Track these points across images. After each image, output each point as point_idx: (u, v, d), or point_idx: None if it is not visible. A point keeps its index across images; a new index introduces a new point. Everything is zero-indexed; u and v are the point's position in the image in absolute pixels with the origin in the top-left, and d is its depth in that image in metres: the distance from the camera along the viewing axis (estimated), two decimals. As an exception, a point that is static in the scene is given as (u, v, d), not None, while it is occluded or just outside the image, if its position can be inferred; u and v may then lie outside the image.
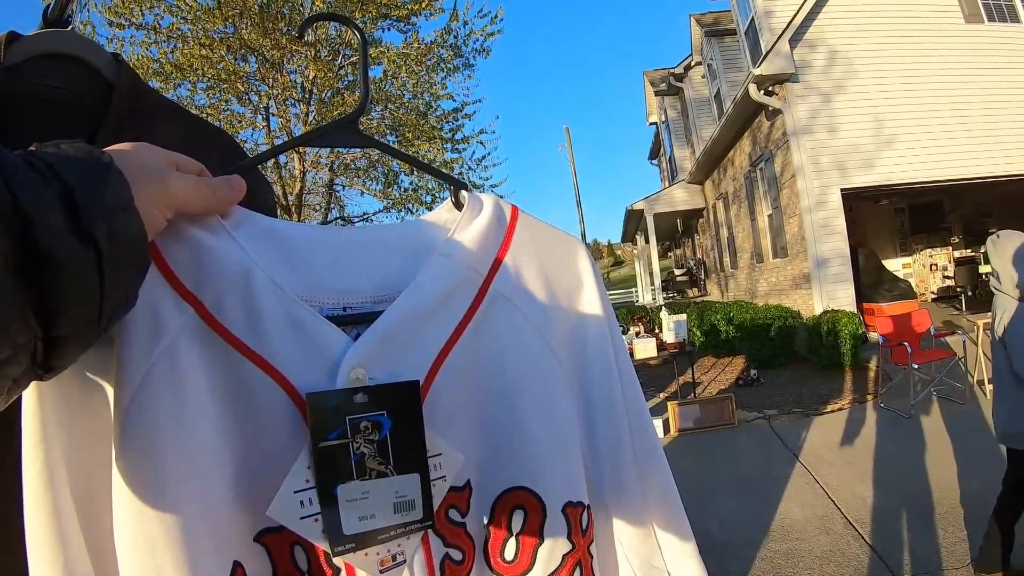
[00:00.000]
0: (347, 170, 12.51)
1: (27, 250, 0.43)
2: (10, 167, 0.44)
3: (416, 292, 0.68)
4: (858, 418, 7.17)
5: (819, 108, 11.05)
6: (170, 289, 0.59)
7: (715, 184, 18.08)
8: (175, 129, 0.95)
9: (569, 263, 0.81)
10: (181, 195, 0.59)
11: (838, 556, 4.11)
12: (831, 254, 10.79)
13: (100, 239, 0.47)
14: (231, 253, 0.62)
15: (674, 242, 30.59)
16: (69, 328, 0.47)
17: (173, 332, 0.58)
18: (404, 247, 0.74)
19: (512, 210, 0.81)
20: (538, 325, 0.75)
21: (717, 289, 20.11)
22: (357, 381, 0.62)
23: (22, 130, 0.81)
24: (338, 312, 0.68)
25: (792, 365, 10.63)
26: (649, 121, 28.15)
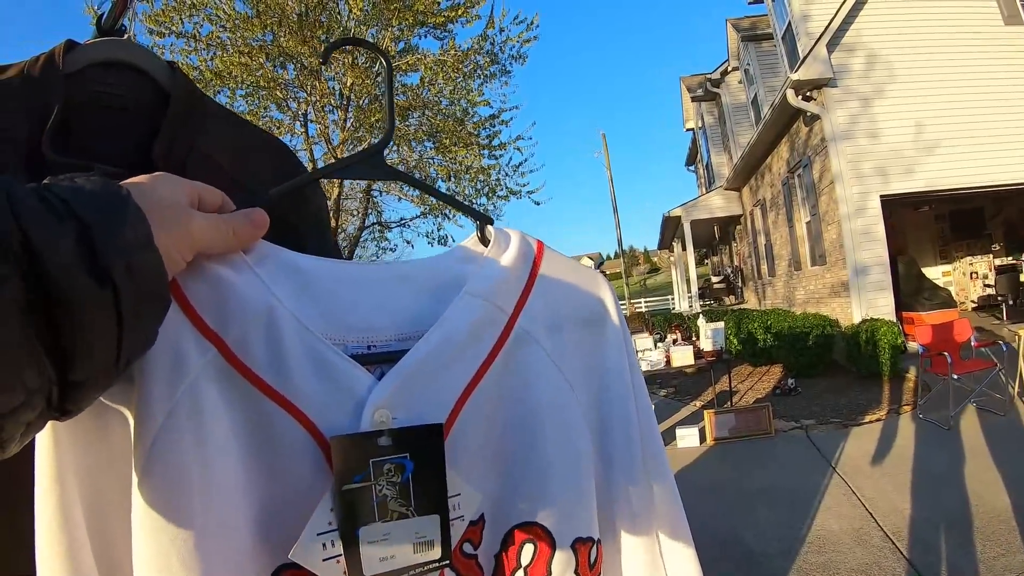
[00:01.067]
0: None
1: (40, 291, 0.42)
2: (21, 202, 0.43)
3: (442, 331, 0.68)
4: (896, 429, 7.06)
5: (858, 113, 10.93)
6: (192, 327, 0.59)
7: (752, 191, 17.94)
8: (228, 134, 0.97)
9: (591, 297, 0.81)
10: (202, 237, 0.58)
11: (875, 569, 4.06)
12: (870, 262, 10.65)
13: (118, 278, 0.45)
14: (254, 290, 0.62)
15: (711, 249, 30.37)
16: (86, 372, 0.45)
17: (195, 371, 0.58)
18: (429, 284, 0.74)
19: (538, 246, 0.80)
20: (558, 361, 0.75)
21: (754, 297, 19.93)
22: (381, 423, 0.62)
23: (83, 136, 0.85)
24: (362, 350, 0.68)
25: (830, 374, 10.49)
26: (686, 127, 28.01)
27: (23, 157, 0.79)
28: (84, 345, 0.44)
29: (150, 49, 0.97)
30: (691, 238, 19.96)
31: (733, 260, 24.29)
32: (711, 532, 4.97)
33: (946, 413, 6.95)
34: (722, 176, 21.13)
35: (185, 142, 0.90)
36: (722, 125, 21.90)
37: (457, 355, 0.68)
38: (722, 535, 4.90)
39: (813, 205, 12.49)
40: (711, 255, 31.50)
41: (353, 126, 10.94)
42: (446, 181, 12.33)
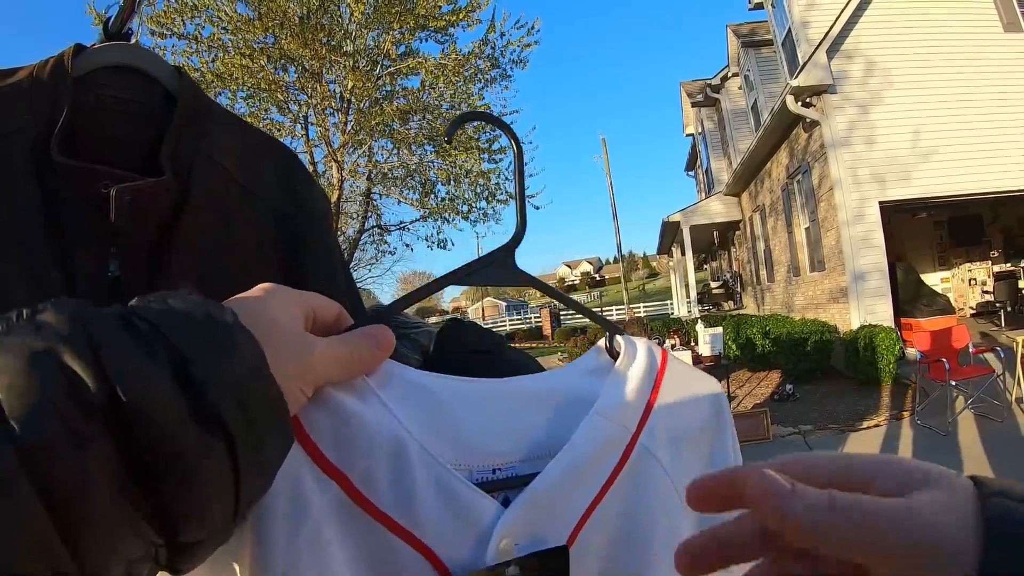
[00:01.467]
0: (384, 179, 12.61)
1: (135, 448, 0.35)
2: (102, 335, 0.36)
3: (570, 456, 0.64)
4: (894, 435, 7.07)
5: (857, 119, 10.96)
6: (312, 464, 0.54)
7: (752, 196, 17.97)
8: (233, 138, 0.98)
9: (708, 410, 0.79)
10: (325, 368, 0.51)
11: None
12: (869, 268, 10.67)
13: (230, 422, 0.38)
14: (380, 420, 0.57)
15: (710, 254, 30.40)
16: (198, 533, 0.39)
17: (317, 511, 0.53)
18: (554, 401, 0.70)
19: (662, 357, 0.76)
20: (674, 478, 0.72)
21: (753, 302, 19.96)
22: (505, 552, 0.60)
23: (89, 139, 0.86)
24: (487, 476, 0.64)
25: (828, 380, 10.51)
26: (686, 132, 28.03)
27: (31, 159, 0.79)
28: (195, 505, 0.38)
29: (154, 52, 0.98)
30: (690, 243, 19.98)
31: (732, 265, 24.32)
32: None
33: (944, 419, 6.97)
34: (722, 181, 21.14)
35: (191, 146, 0.91)
36: (722, 130, 21.92)
37: (584, 477, 0.65)
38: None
39: (812, 211, 12.51)
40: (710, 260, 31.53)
41: (354, 129, 10.95)
42: (446, 184, 12.33)
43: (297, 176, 1.05)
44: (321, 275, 1.02)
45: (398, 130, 11.30)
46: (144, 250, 0.87)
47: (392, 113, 10.72)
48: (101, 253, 0.83)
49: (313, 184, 1.09)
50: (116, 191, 0.80)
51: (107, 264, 0.83)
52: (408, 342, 1.84)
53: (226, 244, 0.93)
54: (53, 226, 0.80)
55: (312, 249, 1.02)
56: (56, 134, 0.80)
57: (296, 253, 1.00)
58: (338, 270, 1.08)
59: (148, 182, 0.84)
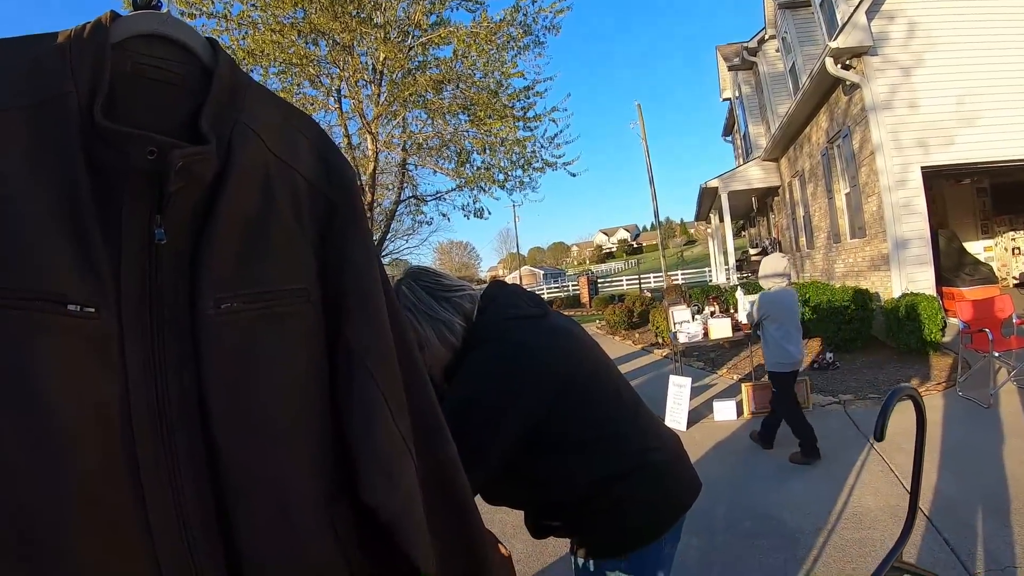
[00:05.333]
0: (419, 149, 12.64)
1: None
2: None
3: None
4: (935, 406, 6.97)
5: (898, 82, 10.69)
6: None
7: (791, 161, 17.68)
8: (268, 111, 1.00)
9: None
10: None
11: (910, 546, 4.03)
12: (911, 235, 10.46)
13: None
14: None
15: (749, 221, 30.03)
16: None
17: None
18: None
19: None
20: None
21: (792, 270, 19.68)
22: None
23: (128, 105, 0.87)
24: None
25: (869, 349, 10.37)
26: (722, 97, 27.57)
27: (76, 123, 0.80)
28: None
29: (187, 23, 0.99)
30: (728, 209, 19.75)
31: (771, 232, 24.00)
32: (747, 506, 4.99)
33: (986, 391, 6.85)
34: (759, 147, 20.83)
35: (229, 118, 0.93)
36: (759, 95, 21.52)
37: None
38: (759, 510, 4.91)
39: (853, 176, 12.27)
40: (748, 227, 31.15)
41: (387, 100, 10.98)
42: (481, 153, 12.33)
43: (328, 148, 1.08)
44: (355, 240, 1.05)
45: (432, 100, 11.31)
46: (189, 217, 0.89)
47: (425, 83, 10.71)
48: (147, 220, 0.85)
49: (342, 155, 1.11)
50: (174, 156, 0.82)
51: (153, 231, 0.84)
52: (450, 306, 1.86)
53: (266, 213, 0.95)
54: (99, 193, 0.81)
55: (344, 216, 1.04)
56: (100, 99, 0.81)
57: (330, 221, 1.03)
58: (370, 236, 1.10)
59: (197, 149, 0.86)
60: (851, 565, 3.95)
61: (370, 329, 1.02)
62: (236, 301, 0.89)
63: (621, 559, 1.88)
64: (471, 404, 1.74)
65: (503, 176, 12.37)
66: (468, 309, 1.91)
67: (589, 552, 1.93)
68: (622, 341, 16.61)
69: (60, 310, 0.74)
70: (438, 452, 1.12)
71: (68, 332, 0.74)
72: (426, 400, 1.13)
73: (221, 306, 0.87)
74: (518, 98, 11.80)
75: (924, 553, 3.92)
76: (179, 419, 0.84)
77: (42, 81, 0.81)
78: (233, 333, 0.88)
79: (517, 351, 1.81)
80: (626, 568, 1.88)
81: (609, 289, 38.65)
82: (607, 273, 69.83)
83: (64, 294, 0.74)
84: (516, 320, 1.90)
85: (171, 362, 0.85)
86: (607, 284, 43.77)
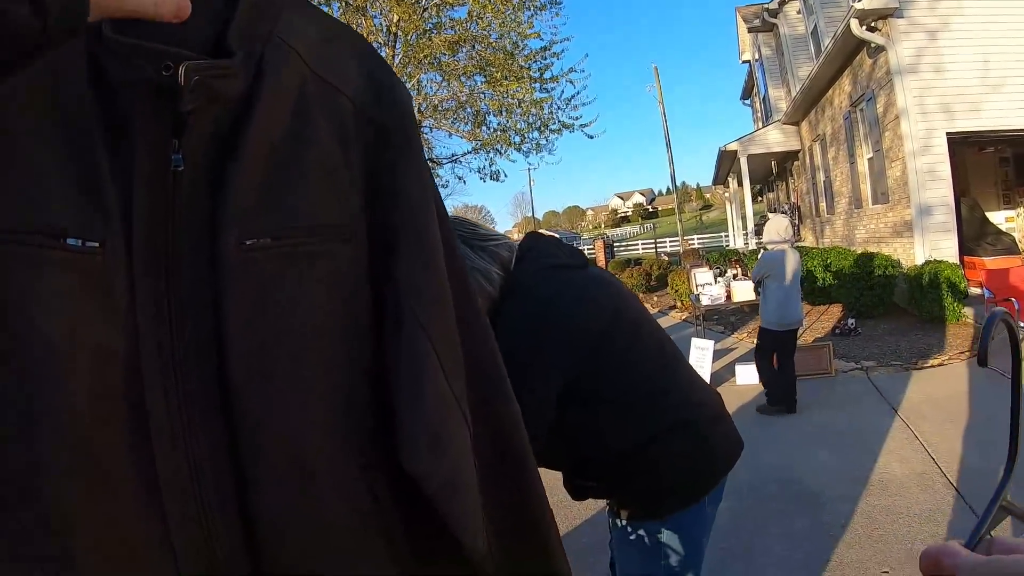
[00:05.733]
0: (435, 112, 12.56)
1: None
2: None
3: None
4: (959, 375, 6.98)
5: (925, 46, 10.53)
6: None
7: (812, 125, 17.50)
8: (308, 24, 0.89)
9: None
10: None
11: (938, 516, 4.08)
12: (935, 202, 10.37)
13: None
14: None
15: (767, 185, 29.77)
16: None
17: None
18: None
19: None
20: None
21: (811, 235, 19.57)
22: None
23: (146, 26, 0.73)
24: None
25: (890, 316, 10.36)
26: (742, 59, 27.26)
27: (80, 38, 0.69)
28: None
29: None
30: (748, 173, 19.60)
31: (790, 197, 23.82)
32: (771, 472, 5.03)
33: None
34: (779, 110, 20.60)
35: (263, 30, 0.83)
36: (780, 57, 21.24)
37: None
38: (783, 475, 4.95)
39: (876, 141, 12.13)
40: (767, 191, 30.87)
41: (401, 62, 10.92)
42: (497, 115, 12.27)
43: (380, 67, 0.96)
44: (409, 171, 0.93)
45: (447, 62, 11.25)
46: (211, 143, 0.78)
47: (440, 45, 10.65)
48: (163, 145, 0.74)
49: (395, 76, 0.98)
50: (185, 69, 0.71)
51: (169, 157, 0.74)
52: (487, 255, 1.84)
53: (302, 139, 0.84)
54: (108, 117, 0.72)
55: (397, 144, 0.93)
56: None
57: (381, 149, 0.91)
58: (426, 167, 0.97)
59: (217, 62, 0.75)
60: (879, 531, 3.99)
61: (423, 272, 0.90)
62: (263, 237, 0.79)
63: (660, 520, 1.86)
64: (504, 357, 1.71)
65: (519, 138, 12.32)
66: (505, 258, 1.87)
67: (628, 513, 1.91)
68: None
69: (57, 244, 0.66)
70: (498, 409, 1.02)
71: (67, 269, 0.67)
72: (487, 352, 1.02)
73: (245, 242, 0.78)
74: (534, 59, 11.71)
75: (954, 524, 3.95)
76: (194, 365, 0.76)
77: None
78: (258, 273, 0.79)
79: (550, 303, 1.79)
80: (666, 530, 1.86)
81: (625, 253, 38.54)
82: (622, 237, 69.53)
83: (63, 227, 0.67)
84: (554, 270, 1.87)
85: (186, 303, 0.76)
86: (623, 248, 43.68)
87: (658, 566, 1.88)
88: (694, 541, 1.90)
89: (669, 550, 1.86)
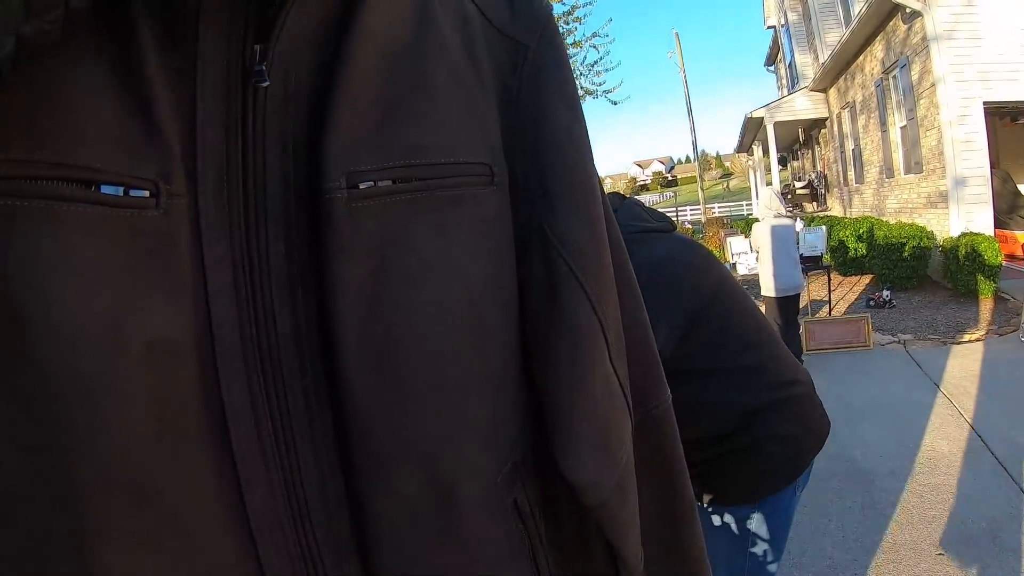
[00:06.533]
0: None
1: None
2: None
3: None
4: (999, 350, 6.92)
5: (961, 12, 10.27)
6: None
7: (841, 92, 17.22)
8: None
9: None
10: None
11: (990, 496, 4.06)
12: (971, 173, 10.18)
13: None
14: None
15: (791, 154, 29.47)
16: None
17: None
18: None
19: None
20: None
21: (839, 204, 19.35)
22: None
23: None
24: None
25: (924, 288, 10.27)
26: (767, 25, 26.87)
27: None
28: None
29: None
30: (774, 141, 19.38)
31: (816, 165, 23.56)
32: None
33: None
34: (806, 77, 20.30)
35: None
36: (807, 23, 20.87)
37: None
38: (830, 449, 4.90)
39: (910, 109, 11.91)
40: (791, 160, 30.58)
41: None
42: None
43: None
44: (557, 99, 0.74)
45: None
46: (307, 49, 0.58)
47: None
48: (240, 54, 0.55)
49: None
50: None
51: (251, 68, 0.54)
52: None
53: (425, 46, 0.64)
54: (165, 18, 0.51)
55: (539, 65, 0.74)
56: None
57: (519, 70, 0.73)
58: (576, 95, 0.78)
59: None
60: (931, 511, 3.98)
61: (581, 223, 0.72)
62: (380, 178, 0.59)
63: (751, 505, 1.77)
64: None
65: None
66: None
67: (717, 498, 1.80)
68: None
69: (87, 195, 0.46)
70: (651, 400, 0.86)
71: (102, 228, 0.47)
72: (641, 327, 0.84)
73: (359, 185, 0.57)
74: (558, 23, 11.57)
75: (1005, 506, 3.92)
76: (292, 363, 0.58)
77: None
78: (375, 227, 0.58)
79: (650, 264, 1.60)
80: (760, 515, 1.78)
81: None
82: (642, 205, 69.13)
83: (96, 167, 0.47)
84: (643, 234, 1.78)
85: (278, 274, 0.57)
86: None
87: (744, 555, 1.80)
88: (783, 528, 1.83)
89: (757, 538, 1.79)
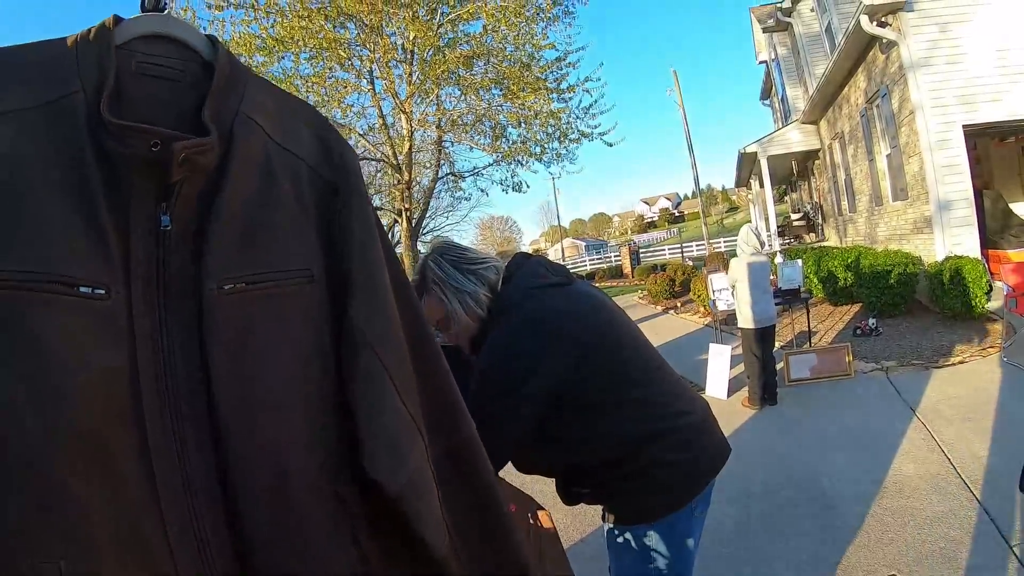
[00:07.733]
0: (454, 126, 12.71)
1: None
2: None
3: None
4: (980, 372, 6.88)
5: (937, 39, 10.36)
6: None
7: (830, 124, 17.34)
8: (267, 100, 1.06)
9: None
10: None
11: (950, 517, 4.02)
12: (954, 196, 10.17)
13: None
14: None
15: (790, 185, 29.49)
16: None
17: None
18: None
19: None
20: None
21: (835, 234, 19.35)
22: None
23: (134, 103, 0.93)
24: None
25: (913, 314, 10.22)
26: (758, 60, 27.06)
27: (83, 116, 0.87)
28: None
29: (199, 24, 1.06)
30: (768, 174, 19.45)
31: (812, 196, 23.60)
32: (787, 473, 5.03)
33: (1032, 355, 6.70)
34: (798, 109, 20.43)
35: (230, 108, 0.99)
36: (796, 56, 21.06)
37: None
38: (798, 477, 4.94)
39: (893, 137, 11.97)
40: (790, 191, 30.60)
41: (419, 79, 11.03)
42: (516, 127, 12.37)
43: (327, 131, 1.13)
44: (357, 219, 1.07)
45: (464, 76, 11.37)
46: (195, 204, 0.94)
47: (456, 60, 10.76)
48: (154, 208, 0.90)
49: (341, 138, 1.14)
50: (176, 148, 0.87)
51: (159, 217, 0.90)
52: (476, 277, 1.94)
53: (268, 198, 0.99)
54: (109, 184, 0.87)
55: (345, 197, 1.08)
56: (106, 96, 0.88)
57: (332, 202, 1.07)
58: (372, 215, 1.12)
59: (199, 140, 0.90)
60: (889, 534, 3.95)
61: (373, 306, 1.04)
62: (239, 282, 0.93)
63: (650, 525, 1.93)
64: (495, 372, 1.81)
65: (539, 149, 12.42)
66: (493, 280, 1.97)
67: (619, 518, 1.98)
68: (661, 311, 16.52)
69: (71, 292, 0.80)
70: (454, 433, 1.15)
71: (78, 310, 0.80)
72: (440, 377, 1.15)
73: (225, 287, 0.92)
74: (550, 69, 11.80)
75: (965, 525, 3.89)
76: (185, 390, 0.89)
77: (52, 82, 0.88)
78: (236, 311, 0.93)
79: (536, 318, 1.86)
80: (656, 533, 1.92)
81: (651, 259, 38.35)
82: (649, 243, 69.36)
83: (76, 277, 0.80)
84: (539, 289, 1.94)
85: (177, 337, 0.90)
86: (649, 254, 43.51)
87: (646, 569, 1.95)
88: (681, 544, 1.97)
89: (656, 553, 1.93)
